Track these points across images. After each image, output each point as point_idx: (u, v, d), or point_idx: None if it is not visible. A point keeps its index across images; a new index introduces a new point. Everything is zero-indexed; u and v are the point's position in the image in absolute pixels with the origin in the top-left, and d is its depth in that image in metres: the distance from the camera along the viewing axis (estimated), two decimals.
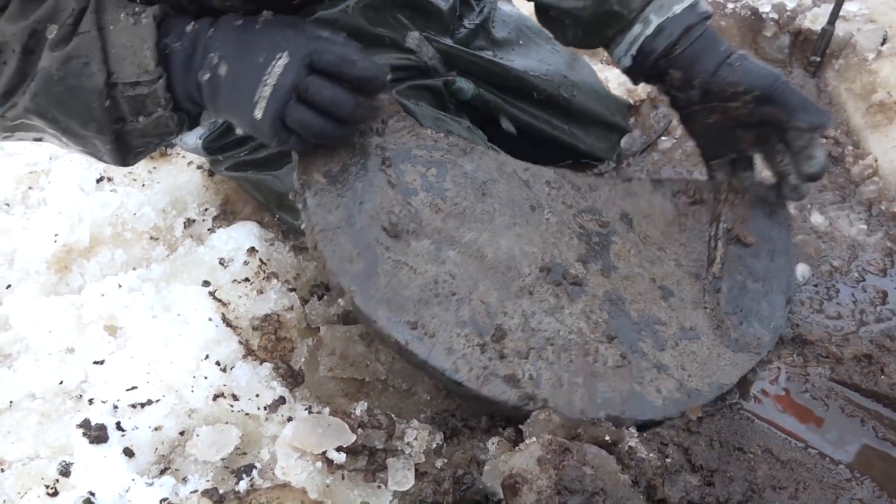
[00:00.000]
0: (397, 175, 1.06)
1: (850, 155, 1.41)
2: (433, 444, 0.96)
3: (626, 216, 1.15)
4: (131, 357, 1.04)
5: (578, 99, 1.40)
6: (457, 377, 0.93)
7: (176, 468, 0.96)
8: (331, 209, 1.00)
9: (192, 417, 1.00)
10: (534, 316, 1.00)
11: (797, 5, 1.67)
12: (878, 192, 1.33)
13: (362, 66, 0.87)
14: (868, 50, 1.52)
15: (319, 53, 0.86)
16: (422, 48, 1.20)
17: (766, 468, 0.91)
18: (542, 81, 1.35)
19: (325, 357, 1.12)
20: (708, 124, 1.13)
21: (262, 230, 1.27)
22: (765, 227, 1.15)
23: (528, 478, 0.78)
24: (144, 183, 1.40)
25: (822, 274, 1.21)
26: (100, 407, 0.99)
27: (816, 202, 1.34)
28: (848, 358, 1.06)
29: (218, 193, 1.39)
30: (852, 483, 0.93)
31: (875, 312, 1.15)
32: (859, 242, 1.26)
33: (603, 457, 0.82)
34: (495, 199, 1.09)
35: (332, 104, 0.87)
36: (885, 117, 1.41)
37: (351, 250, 0.98)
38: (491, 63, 1.29)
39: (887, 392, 1.00)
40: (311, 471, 0.91)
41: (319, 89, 0.86)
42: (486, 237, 1.05)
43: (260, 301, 1.14)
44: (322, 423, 0.94)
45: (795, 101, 1.05)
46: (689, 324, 1.04)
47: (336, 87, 0.86)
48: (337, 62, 0.86)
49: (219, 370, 1.04)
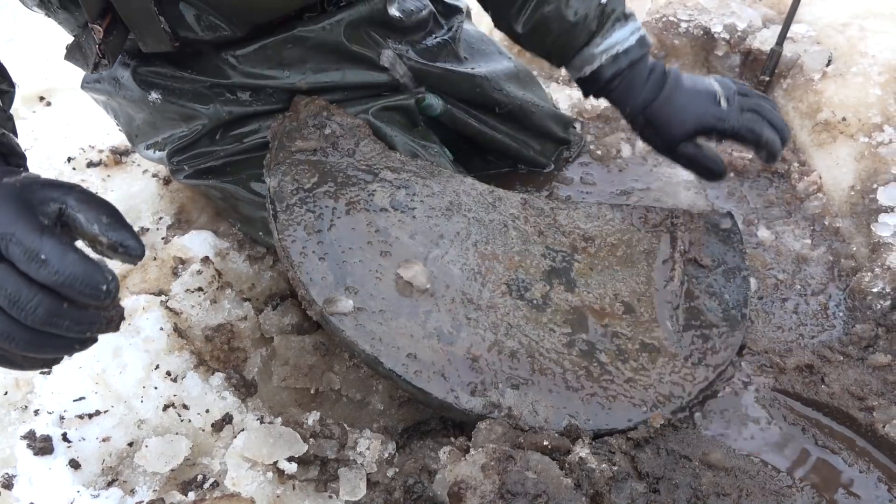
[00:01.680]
0: (367, 194, 1.10)
1: (795, 171, 1.46)
2: (385, 454, 0.96)
3: (588, 236, 1.18)
4: (79, 367, 1.02)
5: (537, 115, 1.44)
6: (423, 386, 0.95)
7: (123, 480, 0.95)
8: (301, 223, 1.04)
9: (142, 428, 0.99)
10: (499, 329, 1.03)
11: (748, 26, 1.72)
12: (822, 208, 1.38)
13: (54, 270, 0.62)
14: (814, 71, 1.57)
15: (8, 240, 0.63)
16: (395, 66, 1.23)
17: (711, 475, 0.93)
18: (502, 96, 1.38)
19: (278, 367, 1.12)
20: (651, 139, 1.26)
21: (217, 239, 1.26)
22: (719, 251, 1.20)
23: (472, 484, 0.79)
24: (98, 191, 1.38)
25: (767, 287, 1.24)
26: (45, 418, 0.98)
27: (763, 217, 1.38)
28: (791, 368, 1.09)
29: (173, 202, 1.38)
30: (793, 490, 0.95)
31: (817, 324, 1.18)
32: (803, 256, 1.30)
33: (546, 462, 0.83)
34: (462, 219, 1.14)
35: (12, 304, 0.62)
36: (829, 136, 1.46)
37: (320, 264, 1.02)
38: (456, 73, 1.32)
39: (827, 401, 1.04)
40: (262, 481, 0.91)
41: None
42: (453, 254, 1.09)
43: (213, 311, 1.14)
44: (274, 433, 0.93)
45: (734, 134, 1.19)
46: (649, 338, 1.07)
47: (22, 283, 0.62)
48: (23, 258, 0.62)
49: (169, 380, 1.03)
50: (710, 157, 1.24)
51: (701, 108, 1.19)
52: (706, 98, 1.20)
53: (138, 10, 1.00)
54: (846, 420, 1.02)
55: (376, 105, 1.22)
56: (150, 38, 1.06)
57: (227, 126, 1.19)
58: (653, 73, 1.22)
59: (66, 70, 1.18)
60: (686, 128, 1.20)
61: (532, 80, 1.53)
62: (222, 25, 1.08)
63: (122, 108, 1.24)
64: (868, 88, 1.47)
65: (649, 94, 1.21)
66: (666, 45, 1.70)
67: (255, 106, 1.17)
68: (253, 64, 1.14)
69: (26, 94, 1.70)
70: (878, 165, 1.35)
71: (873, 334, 1.12)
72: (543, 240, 1.17)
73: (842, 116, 1.45)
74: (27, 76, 1.73)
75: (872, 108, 1.44)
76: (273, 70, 1.16)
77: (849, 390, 1.04)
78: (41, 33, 1.08)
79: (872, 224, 1.27)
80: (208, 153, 1.21)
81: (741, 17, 1.73)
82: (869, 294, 1.17)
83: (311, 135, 1.14)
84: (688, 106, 1.20)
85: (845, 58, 1.56)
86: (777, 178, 1.47)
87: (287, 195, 1.07)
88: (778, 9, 1.78)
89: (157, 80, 1.16)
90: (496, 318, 1.04)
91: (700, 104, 1.20)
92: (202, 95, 1.15)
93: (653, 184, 1.44)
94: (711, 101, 1.19)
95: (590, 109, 1.62)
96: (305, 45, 1.14)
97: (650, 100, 1.21)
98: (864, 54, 1.55)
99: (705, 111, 1.19)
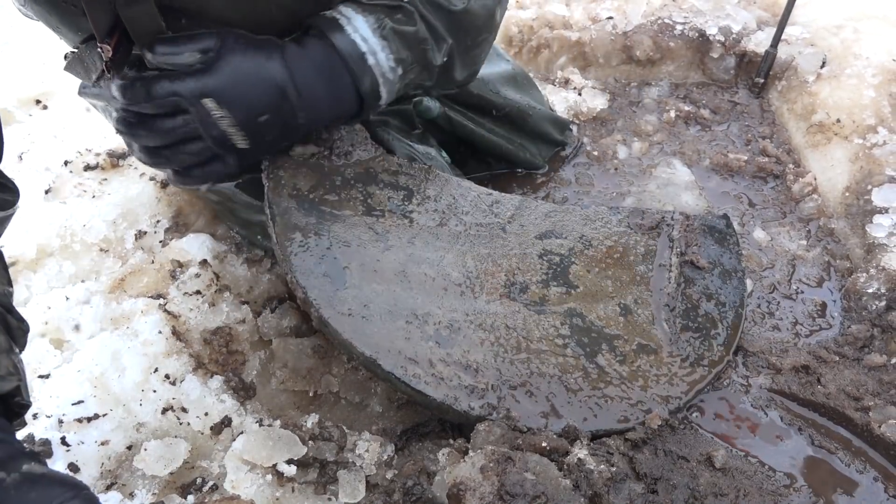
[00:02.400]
0: (364, 197, 1.11)
1: (790, 173, 1.46)
2: (384, 456, 0.96)
3: (585, 239, 1.19)
4: (78, 371, 1.02)
5: (534, 118, 1.45)
6: (421, 388, 0.95)
7: (122, 483, 0.95)
8: (299, 227, 1.04)
9: (140, 431, 0.99)
10: (497, 330, 1.03)
11: (742, 28, 1.73)
12: (817, 209, 1.39)
13: None
14: (808, 72, 1.58)
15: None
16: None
17: (708, 476, 0.94)
18: (499, 98, 1.38)
19: (277, 370, 1.12)
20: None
21: (215, 242, 1.26)
22: (715, 253, 1.21)
23: (471, 485, 0.79)
24: (95, 194, 1.38)
25: (763, 287, 1.25)
26: (44, 422, 0.98)
27: (759, 218, 1.39)
28: (787, 369, 1.09)
29: (171, 205, 1.38)
30: (790, 490, 0.96)
31: (813, 325, 1.19)
32: (799, 257, 1.30)
33: (544, 464, 0.84)
34: (459, 222, 1.15)
35: None
36: (824, 137, 1.47)
37: (318, 266, 1.02)
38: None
39: (823, 401, 1.04)
40: (261, 484, 0.91)
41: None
42: (450, 257, 1.10)
43: (212, 314, 1.14)
44: (273, 436, 0.94)
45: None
46: (647, 339, 1.07)
47: None
48: None
49: (168, 383, 1.03)
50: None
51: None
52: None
53: (148, 26, 1.00)
54: (842, 420, 1.03)
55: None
56: None
57: None
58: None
59: (62, 73, 1.17)
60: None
61: (529, 82, 1.54)
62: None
63: None
64: (862, 90, 1.48)
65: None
66: (661, 48, 1.71)
67: None
68: None
69: (22, 97, 1.69)
70: (872, 167, 1.36)
71: (869, 335, 1.13)
72: (540, 242, 1.17)
73: (836, 118, 1.46)
74: (23, 79, 1.73)
75: (866, 109, 1.45)
76: None
77: (845, 390, 1.05)
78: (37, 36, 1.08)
79: (867, 225, 1.28)
80: None
81: (736, 19, 1.74)
82: (864, 295, 1.18)
83: (309, 139, 1.14)
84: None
85: (839, 60, 1.57)
86: (772, 179, 1.48)
87: (285, 199, 1.07)
88: (772, 11, 1.79)
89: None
90: (494, 321, 1.05)
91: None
92: None
93: (649, 185, 1.45)
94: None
95: (586, 112, 1.63)
96: None
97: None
98: (858, 56, 1.56)
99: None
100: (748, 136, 1.58)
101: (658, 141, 1.58)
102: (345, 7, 1.05)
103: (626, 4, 1.80)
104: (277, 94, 0.99)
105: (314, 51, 1.02)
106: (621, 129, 1.61)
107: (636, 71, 1.75)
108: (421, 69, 1.09)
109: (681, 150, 1.55)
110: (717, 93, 1.71)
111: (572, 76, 1.70)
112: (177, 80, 0.95)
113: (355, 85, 1.03)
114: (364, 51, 1.02)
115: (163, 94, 0.95)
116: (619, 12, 1.78)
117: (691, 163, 1.51)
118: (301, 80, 1.01)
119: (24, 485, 0.65)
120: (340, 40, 1.01)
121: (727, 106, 1.67)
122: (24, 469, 0.66)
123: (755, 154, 1.53)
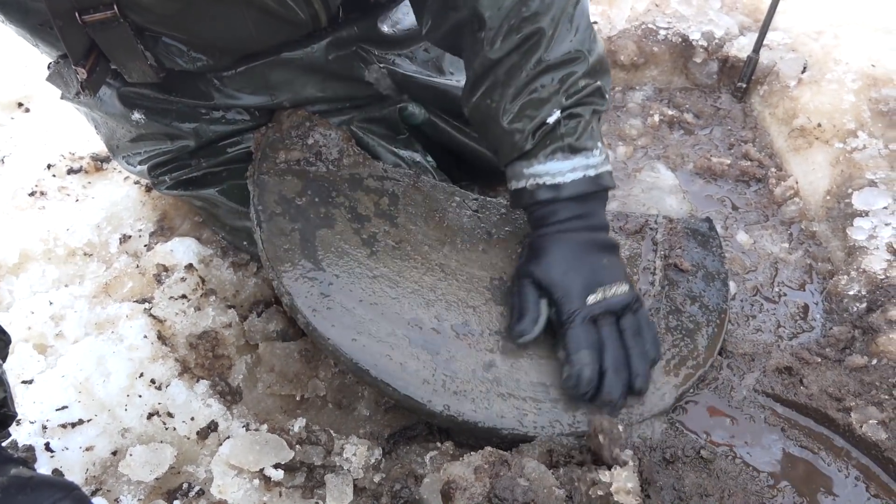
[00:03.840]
0: (350, 203, 1.11)
1: (773, 176, 1.48)
2: (372, 460, 0.96)
3: None
4: (62, 376, 1.02)
5: None
6: (409, 393, 0.96)
7: (108, 489, 0.94)
8: (285, 233, 1.04)
9: (126, 437, 0.98)
10: (485, 336, 1.03)
11: (725, 34, 1.75)
12: (799, 212, 1.40)
13: None
14: (790, 77, 1.60)
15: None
16: (380, 81, 1.23)
17: (693, 476, 0.95)
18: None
19: (263, 374, 1.11)
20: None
21: (200, 246, 1.26)
22: (699, 255, 1.22)
23: (462, 484, 0.79)
24: (78, 198, 1.37)
25: (746, 290, 1.26)
26: (28, 428, 0.97)
27: (742, 221, 1.41)
28: (770, 370, 1.11)
29: (155, 209, 1.37)
30: (774, 490, 0.97)
31: (795, 327, 1.21)
32: (781, 260, 1.32)
33: (541, 471, 0.84)
34: (445, 227, 1.15)
35: None
36: (805, 141, 1.49)
37: (304, 272, 1.02)
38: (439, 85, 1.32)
39: (806, 402, 1.05)
40: (248, 488, 0.91)
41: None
42: (437, 262, 1.10)
43: (197, 318, 1.13)
44: (259, 440, 0.93)
45: (562, 342, 1.02)
46: None
47: None
48: None
49: (154, 388, 1.02)
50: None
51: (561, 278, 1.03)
52: (579, 277, 1.03)
53: (124, 49, 1.00)
54: (825, 420, 1.04)
55: (359, 116, 1.22)
56: (136, 73, 1.06)
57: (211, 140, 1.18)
58: (581, 218, 1.06)
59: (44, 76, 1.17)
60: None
61: None
62: (207, 58, 1.08)
63: (104, 121, 1.23)
64: (842, 95, 1.50)
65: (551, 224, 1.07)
66: (645, 52, 1.72)
67: (239, 124, 1.17)
68: (238, 86, 1.14)
69: (4, 100, 1.68)
70: (852, 171, 1.38)
71: (850, 336, 1.14)
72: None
73: (817, 122, 1.48)
74: (5, 83, 1.72)
75: (847, 114, 1.47)
76: (258, 92, 1.15)
77: (827, 391, 1.06)
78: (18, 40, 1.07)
79: (848, 228, 1.29)
80: (189, 164, 1.21)
81: (718, 24, 1.76)
82: (845, 297, 1.19)
83: (295, 145, 1.14)
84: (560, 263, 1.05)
85: (820, 65, 1.60)
86: (755, 182, 1.49)
87: (271, 205, 1.07)
88: (754, 16, 1.81)
89: (140, 101, 1.15)
90: (481, 326, 1.05)
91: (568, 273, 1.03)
92: (186, 115, 1.15)
93: (633, 189, 1.46)
94: (581, 286, 1.02)
95: None
96: (291, 67, 1.14)
97: (540, 228, 1.08)
98: (839, 61, 1.58)
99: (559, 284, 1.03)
100: (731, 141, 1.60)
101: (642, 145, 1.59)
102: (529, 168, 1.05)
103: (611, 9, 1.82)
104: (593, 257, 1.05)
105: (569, 212, 1.05)
106: (606, 133, 1.63)
107: (620, 75, 1.77)
108: (600, 100, 1.08)
109: (665, 154, 1.56)
110: (701, 97, 1.73)
111: None
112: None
113: (604, 190, 1.08)
114: (581, 175, 1.04)
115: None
116: (604, 17, 1.80)
117: (675, 167, 1.53)
118: (590, 238, 1.06)
119: (13, 488, 0.65)
120: (571, 190, 1.04)
121: (710, 110, 1.69)
122: (12, 473, 0.66)
123: (738, 158, 1.55)
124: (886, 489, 0.97)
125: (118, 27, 0.96)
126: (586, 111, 1.05)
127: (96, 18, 0.94)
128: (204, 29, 1.01)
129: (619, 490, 0.80)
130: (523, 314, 1.03)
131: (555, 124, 1.03)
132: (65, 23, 0.94)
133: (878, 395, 1.03)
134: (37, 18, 1.01)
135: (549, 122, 1.03)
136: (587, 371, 0.97)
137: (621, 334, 1.01)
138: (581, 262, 1.03)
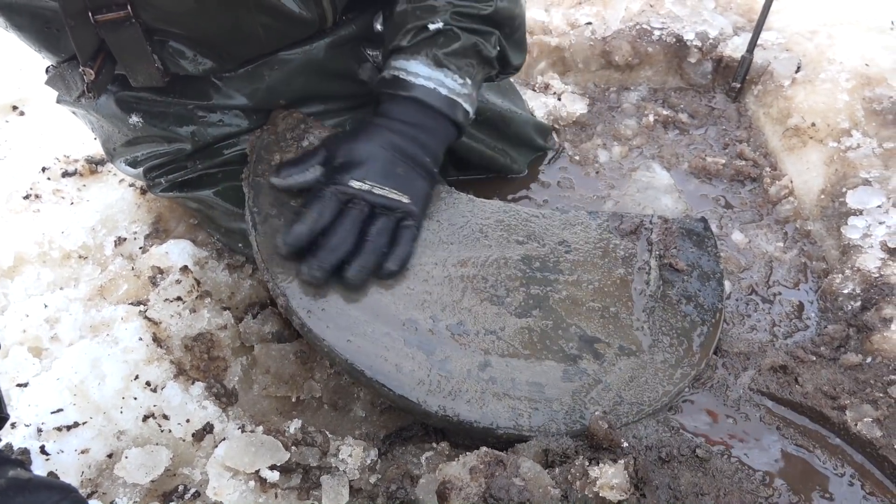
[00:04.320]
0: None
1: (767, 176, 1.48)
2: (367, 461, 0.96)
3: (565, 243, 1.20)
4: (57, 379, 1.01)
5: (516, 123, 1.46)
6: (404, 393, 0.96)
7: (103, 492, 0.94)
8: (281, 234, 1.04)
9: (121, 439, 0.98)
10: (479, 336, 1.03)
11: (719, 34, 1.75)
12: (793, 211, 1.41)
13: None
14: (784, 77, 1.60)
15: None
16: (373, 79, 1.23)
17: (689, 476, 0.95)
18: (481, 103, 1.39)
19: (259, 375, 1.11)
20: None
21: (195, 248, 1.26)
22: (694, 255, 1.22)
23: (457, 484, 0.79)
24: (73, 201, 1.37)
25: (742, 289, 1.27)
26: (23, 431, 0.97)
27: (736, 221, 1.41)
28: (765, 369, 1.11)
29: (150, 211, 1.37)
30: (770, 488, 0.97)
31: (790, 325, 1.21)
32: (776, 259, 1.32)
33: (537, 471, 0.84)
34: (440, 227, 1.15)
35: None
36: (799, 140, 1.49)
37: (299, 274, 1.01)
38: None
39: (801, 401, 1.06)
40: (244, 490, 0.91)
41: None
42: (431, 262, 1.10)
43: (193, 320, 1.13)
44: (255, 442, 0.93)
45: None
46: (627, 342, 1.08)
47: None
48: None
49: (149, 391, 1.02)
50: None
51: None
52: (366, 165, 1.07)
53: (133, 50, 1.01)
54: (820, 419, 1.04)
55: (353, 118, 1.23)
56: (142, 76, 1.06)
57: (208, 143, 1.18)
58: (414, 127, 1.11)
59: (39, 79, 1.16)
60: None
61: (511, 88, 1.54)
62: (213, 62, 1.08)
63: (100, 124, 1.23)
64: (836, 94, 1.51)
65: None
66: (640, 53, 1.73)
67: (236, 127, 1.17)
68: (236, 86, 1.14)
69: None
70: (846, 170, 1.38)
71: (845, 334, 1.15)
72: (521, 247, 1.18)
73: (811, 122, 1.48)
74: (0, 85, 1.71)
75: (841, 113, 1.47)
76: (256, 91, 1.15)
77: (822, 390, 1.06)
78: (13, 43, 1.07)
79: (842, 227, 1.30)
80: (185, 166, 1.21)
81: (713, 24, 1.77)
82: (840, 295, 1.20)
83: (290, 147, 1.14)
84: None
85: (814, 64, 1.60)
86: (750, 182, 1.50)
87: (266, 207, 1.08)
88: (748, 16, 1.82)
89: (138, 104, 1.15)
90: (476, 326, 1.05)
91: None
92: (184, 118, 1.15)
93: (629, 189, 1.46)
94: (361, 170, 1.06)
95: (565, 116, 1.64)
96: (289, 67, 1.14)
97: (375, 117, 1.13)
98: (832, 61, 1.58)
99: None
100: (726, 140, 1.60)
101: (637, 145, 1.60)
102: (395, 61, 1.11)
103: (605, 10, 1.82)
104: (395, 159, 1.09)
105: (404, 114, 1.11)
106: (601, 133, 1.63)
107: (615, 76, 1.77)
108: (482, 64, 1.16)
109: (660, 153, 1.57)
110: (695, 97, 1.73)
111: (552, 81, 1.71)
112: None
113: (448, 118, 1.13)
114: (433, 87, 1.10)
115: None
116: (598, 18, 1.80)
117: (670, 166, 1.53)
118: (407, 146, 1.10)
119: (11, 490, 0.65)
120: (418, 92, 1.09)
121: (705, 110, 1.69)
122: (10, 475, 0.66)
123: (732, 157, 1.55)
124: (881, 487, 0.97)
125: (129, 27, 0.97)
126: (468, 40, 1.12)
127: (109, 18, 0.95)
128: (213, 28, 1.02)
129: (603, 486, 0.81)
130: (296, 163, 1.09)
131: (435, 33, 1.10)
132: (77, 23, 0.95)
133: (872, 393, 1.04)
134: (43, 21, 1.01)
135: (430, 28, 1.10)
136: (301, 228, 1.01)
137: (366, 226, 1.04)
138: (380, 160, 1.07)
